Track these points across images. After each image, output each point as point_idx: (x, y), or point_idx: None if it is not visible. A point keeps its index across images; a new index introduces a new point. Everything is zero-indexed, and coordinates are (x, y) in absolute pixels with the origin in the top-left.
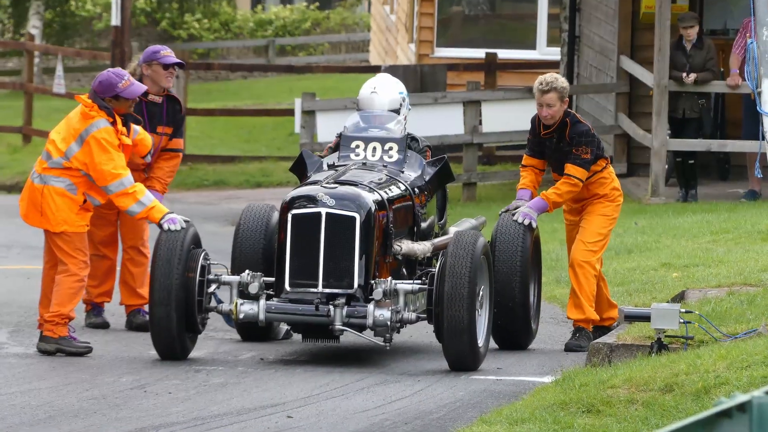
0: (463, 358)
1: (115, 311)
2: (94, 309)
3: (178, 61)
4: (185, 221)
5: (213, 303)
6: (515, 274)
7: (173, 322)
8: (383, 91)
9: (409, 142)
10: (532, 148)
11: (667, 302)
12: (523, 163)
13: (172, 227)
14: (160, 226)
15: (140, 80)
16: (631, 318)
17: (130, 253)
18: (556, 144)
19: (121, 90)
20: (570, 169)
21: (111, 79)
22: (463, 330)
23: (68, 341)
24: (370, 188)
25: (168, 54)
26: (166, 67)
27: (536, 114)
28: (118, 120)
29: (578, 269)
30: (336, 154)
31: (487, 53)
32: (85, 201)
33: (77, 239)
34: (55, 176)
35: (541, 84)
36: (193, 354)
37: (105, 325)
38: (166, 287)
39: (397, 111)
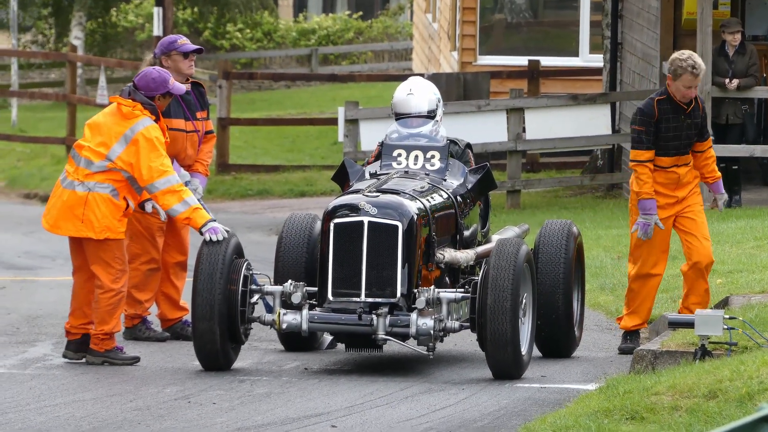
0: (506, 368)
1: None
2: (145, 321)
3: (197, 47)
4: (227, 231)
5: (263, 310)
6: (558, 285)
7: (216, 336)
8: (419, 92)
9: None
10: (650, 139)
11: (711, 308)
12: (644, 159)
13: (213, 237)
14: (201, 232)
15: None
16: (675, 324)
17: (176, 268)
18: (685, 122)
19: (171, 86)
20: (709, 142)
21: (164, 76)
22: (506, 342)
23: (115, 353)
24: (413, 197)
25: (185, 42)
26: (186, 55)
27: (652, 101)
28: (161, 117)
29: (709, 269)
30: (378, 162)
31: (530, 61)
32: (127, 207)
33: (116, 247)
34: (100, 182)
35: (695, 69)
36: (236, 364)
37: (164, 338)
38: (209, 302)
39: (434, 112)
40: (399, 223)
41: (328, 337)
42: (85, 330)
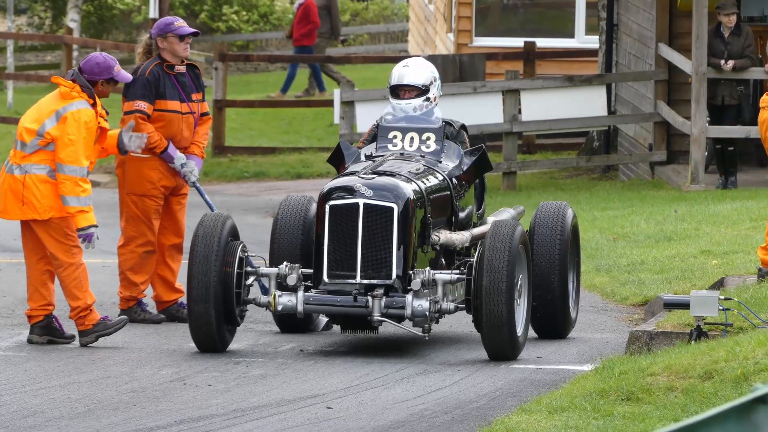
0: (502, 349)
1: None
2: (140, 304)
3: (193, 30)
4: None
5: (259, 292)
6: (554, 266)
7: (212, 318)
8: (416, 66)
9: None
10: None
11: (707, 289)
12: None
13: (84, 245)
14: (77, 231)
15: (150, 54)
16: (670, 305)
17: (172, 250)
18: None
19: (116, 74)
20: None
21: (109, 62)
22: (502, 323)
23: (103, 324)
24: (408, 178)
25: (182, 25)
26: (182, 38)
27: None
28: (99, 102)
29: None
30: (373, 144)
31: (525, 42)
32: None
33: (65, 224)
34: (36, 163)
35: None
36: (232, 346)
37: (160, 320)
38: (204, 284)
39: (428, 87)
40: (394, 205)
41: (323, 319)
42: (46, 311)
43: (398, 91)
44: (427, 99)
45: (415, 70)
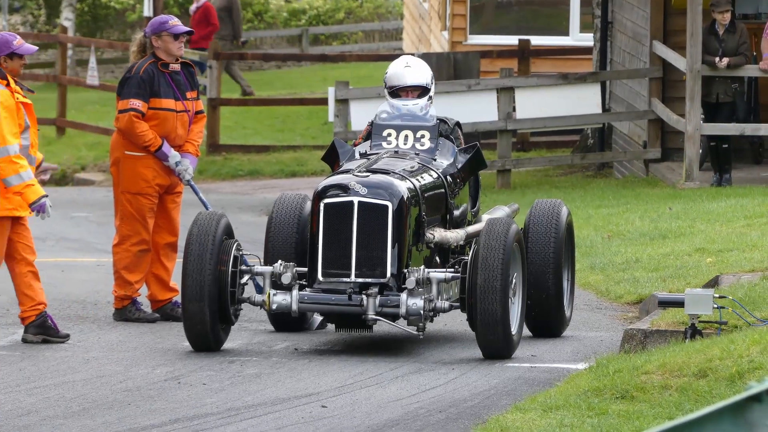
0: (496, 347)
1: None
2: (135, 303)
3: (188, 29)
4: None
5: (253, 291)
6: (549, 264)
7: (206, 317)
8: (416, 65)
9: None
10: None
11: (701, 287)
12: None
13: (40, 217)
14: (30, 206)
15: (145, 52)
16: (665, 304)
17: (166, 249)
18: None
19: (16, 47)
20: None
21: (6, 37)
22: (496, 322)
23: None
24: (403, 176)
25: (176, 23)
26: (176, 36)
27: None
28: (11, 80)
29: None
30: (368, 142)
31: (520, 40)
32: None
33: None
34: None
35: None
36: (226, 345)
37: (154, 319)
38: (199, 283)
39: (429, 86)
40: (389, 203)
41: (317, 318)
42: (37, 311)
43: (400, 92)
44: (430, 98)
45: (416, 70)
